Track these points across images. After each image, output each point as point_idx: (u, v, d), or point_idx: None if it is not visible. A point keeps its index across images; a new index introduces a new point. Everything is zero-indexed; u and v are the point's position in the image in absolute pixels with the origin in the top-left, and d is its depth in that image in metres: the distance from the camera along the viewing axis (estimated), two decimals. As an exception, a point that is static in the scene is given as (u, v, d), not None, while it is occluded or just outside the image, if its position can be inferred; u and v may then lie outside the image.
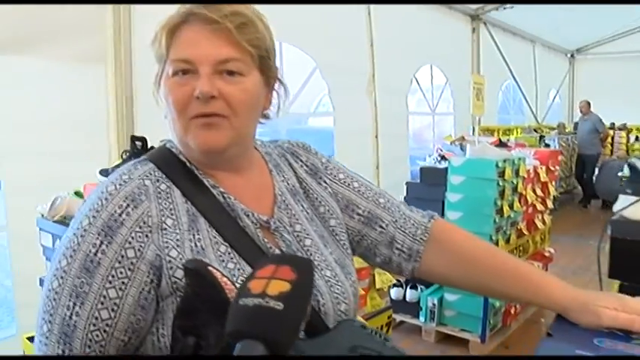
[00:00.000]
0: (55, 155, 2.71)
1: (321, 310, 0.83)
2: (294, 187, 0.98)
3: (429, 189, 3.56)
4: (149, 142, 2.17)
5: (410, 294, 3.65)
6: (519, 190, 3.55)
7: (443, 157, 3.74)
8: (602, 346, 0.81)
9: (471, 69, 6.68)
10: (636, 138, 9.70)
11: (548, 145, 7.42)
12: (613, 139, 9.48)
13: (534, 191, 3.86)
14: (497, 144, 4.44)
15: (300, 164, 1.01)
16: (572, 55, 10.70)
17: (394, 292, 3.62)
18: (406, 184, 3.78)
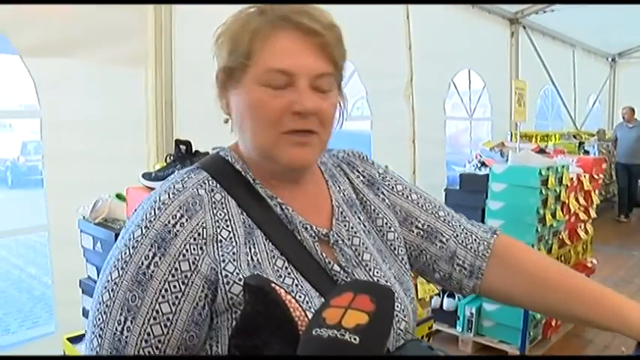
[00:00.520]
0: (96, 157, 2.74)
1: None
2: (350, 198, 0.94)
3: (468, 196, 3.49)
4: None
5: (447, 302, 3.58)
6: (562, 199, 3.45)
7: (483, 164, 3.66)
8: None
9: (510, 74, 6.54)
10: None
11: (587, 152, 7.22)
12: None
13: (577, 200, 3.75)
14: (538, 151, 4.31)
15: (357, 174, 0.97)
16: (613, 60, 10.39)
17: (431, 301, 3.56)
18: (445, 190, 3.71)
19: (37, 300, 5.65)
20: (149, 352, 0.73)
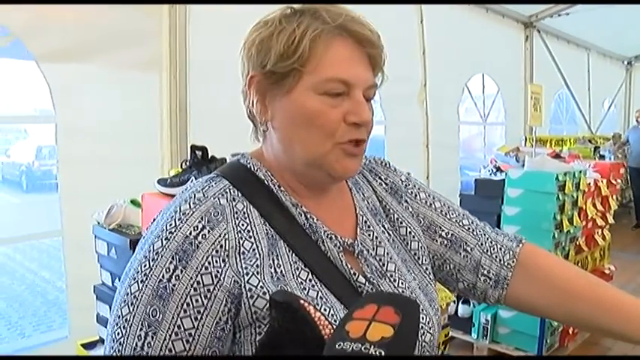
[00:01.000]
0: (110, 162, 2.74)
1: None
2: (374, 206, 0.92)
3: (484, 201, 3.45)
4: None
5: (462, 309, 3.55)
6: (579, 205, 3.41)
7: (498, 169, 3.62)
8: None
9: (524, 78, 6.49)
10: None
11: (603, 157, 7.14)
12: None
13: (594, 205, 3.70)
14: (554, 155, 4.27)
15: (380, 182, 0.95)
16: (629, 63, 10.27)
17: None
18: (460, 196, 3.68)
19: (51, 304, 5.68)
20: None
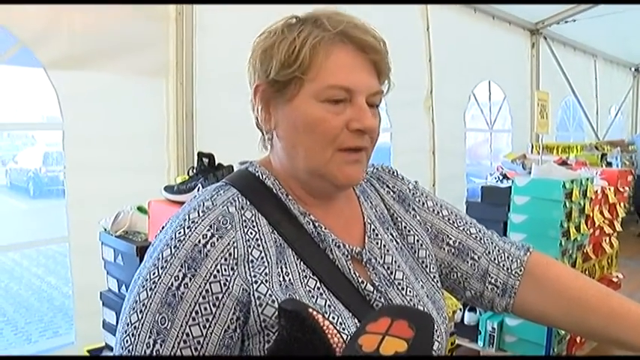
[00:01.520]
0: (117, 168, 2.76)
1: None
2: (382, 214, 0.92)
3: (490, 209, 3.43)
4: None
5: (468, 317, 3.52)
6: (586, 212, 3.39)
7: (505, 176, 3.61)
8: None
9: (530, 85, 6.48)
10: None
11: (610, 164, 7.10)
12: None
13: (602, 213, 3.68)
14: (560, 163, 4.25)
15: (387, 190, 0.95)
16: (636, 69, 10.23)
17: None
18: (466, 203, 3.66)
19: (58, 310, 5.69)
20: None
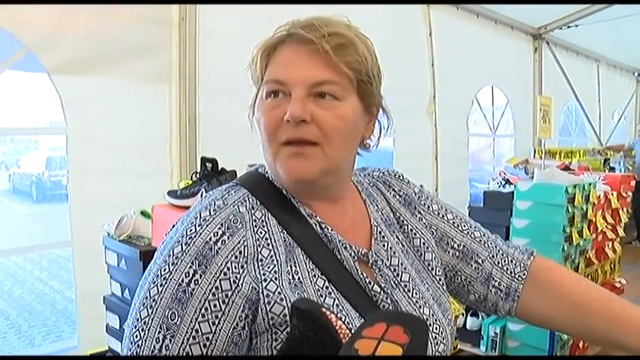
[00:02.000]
0: (120, 173, 2.77)
1: None
2: (388, 217, 0.93)
3: (493, 214, 3.44)
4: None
5: (470, 322, 3.52)
6: (589, 217, 3.39)
7: (507, 181, 3.61)
8: None
9: (533, 90, 6.48)
10: None
11: (613, 169, 7.09)
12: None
13: (604, 218, 3.68)
14: (563, 168, 4.25)
15: (393, 194, 0.96)
16: (639, 74, 10.25)
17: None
18: (468, 208, 3.67)
19: (60, 314, 5.70)
20: None
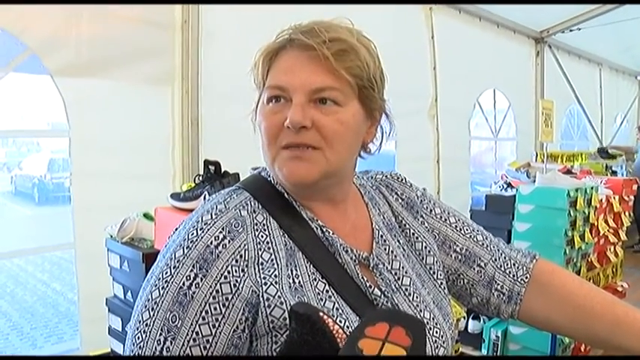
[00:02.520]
0: (123, 175, 2.77)
1: None
2: (390, 221, 0.93)
3: (494, 217, 3.43)
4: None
5: (472, 325, 3.52)
6: (591, 221, 3.39)
7: (509, 185, 3.61)
8: None
9: (535, 93, 6.48)
10: None
11: (615, 173, 7.08)
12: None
13: (606, 222, 3.67)
14: (565, 171, 4.25)
15: (395, 197, 0.97)
16: (642, 78, 10.24)
17: (456, 323, 3.50)
18: (470, 211, 3.66)
19: (63, 316, 5.71)
20: None
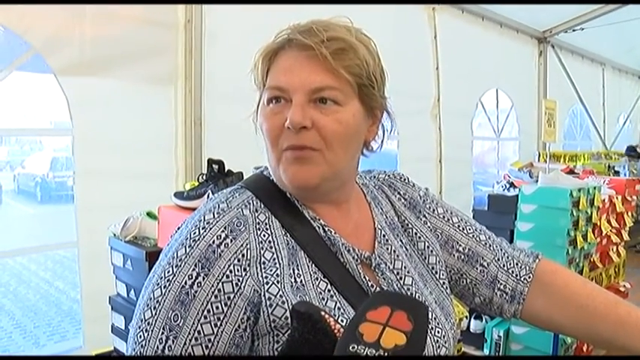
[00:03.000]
0: (126, 174, 2.78)
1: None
2: (392, 220, 0.93)
3: (497, 217, 3.43)
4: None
5: (474, 324, 3.52)
6: (593, 221, 3.38)
7: (512, 185, 3.61)
8: None
9: (538, 93, 6.47)
10: None
11: (617, 173, 7.08)
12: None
13: (609, 222, 3.67)
14: (568, 171, 4.25)
15: (398, 197, 0.97)
16: (645, 78, 10.21)
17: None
18: (473, 211, 3.66)
19: (65, 314, 5.72)
20: None
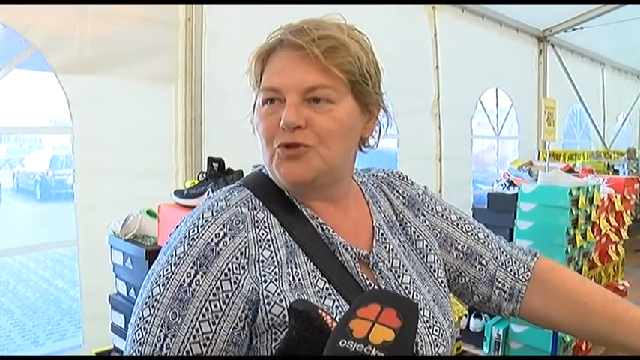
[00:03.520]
0: (126, 173, 2.78)
1: (419, 354, 0.78)
2: (391, 219, 0.93)
3: (496, 216, 3.44)
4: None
5: (473, 323, 3.52)
6: (593, 220, 3.39)
7: (511, 183, 3.62)
8: None
9: (537, 92, 6.48)
10: None
11: (617, 172, 7.09)
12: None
13: (608, 220, 3.67)
14: (567, 170, 4.25)
15: (397, 195, 0.97)
16: (644, 77, 10.22)
17: (457, 321, 3.50)
18: (472, 209, 3.67)
19: (65, 313, 5.73)
20: None
